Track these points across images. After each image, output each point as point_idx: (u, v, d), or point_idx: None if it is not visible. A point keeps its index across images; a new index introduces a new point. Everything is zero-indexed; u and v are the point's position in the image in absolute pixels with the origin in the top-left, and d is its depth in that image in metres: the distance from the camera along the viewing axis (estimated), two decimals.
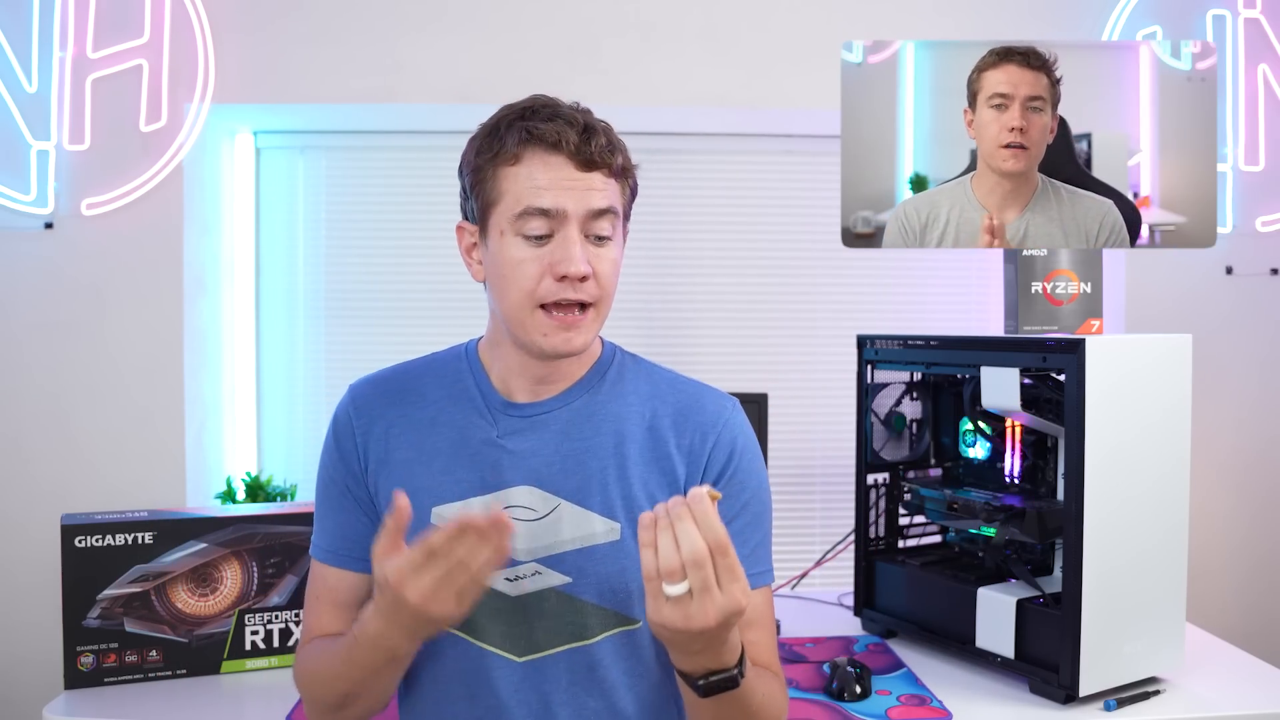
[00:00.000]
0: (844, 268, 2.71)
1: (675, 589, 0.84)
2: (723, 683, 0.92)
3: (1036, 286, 1.63)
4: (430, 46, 2.38)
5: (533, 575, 1.07)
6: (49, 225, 2.32)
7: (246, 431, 2.65)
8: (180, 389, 2.38)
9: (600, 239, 1.06)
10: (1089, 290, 1.63)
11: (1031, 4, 2.45)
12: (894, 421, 1.80)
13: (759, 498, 1.14)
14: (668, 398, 1.14)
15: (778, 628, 1.79)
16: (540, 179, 1.04)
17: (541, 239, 1.04)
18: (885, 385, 1.80)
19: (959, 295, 2.74)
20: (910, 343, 1.71)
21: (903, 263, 2.72)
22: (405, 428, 1.13)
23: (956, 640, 1.61)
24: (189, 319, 2.39)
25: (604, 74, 2.41)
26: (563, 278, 1.03)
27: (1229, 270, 2.53)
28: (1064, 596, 1.44)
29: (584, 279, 1.03)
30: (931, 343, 1.67)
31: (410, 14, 2.37)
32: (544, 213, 1.03)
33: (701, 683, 0.92)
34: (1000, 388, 1.52)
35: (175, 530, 1.58)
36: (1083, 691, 1.43)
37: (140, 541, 1.56)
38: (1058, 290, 1.63)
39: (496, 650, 1.09)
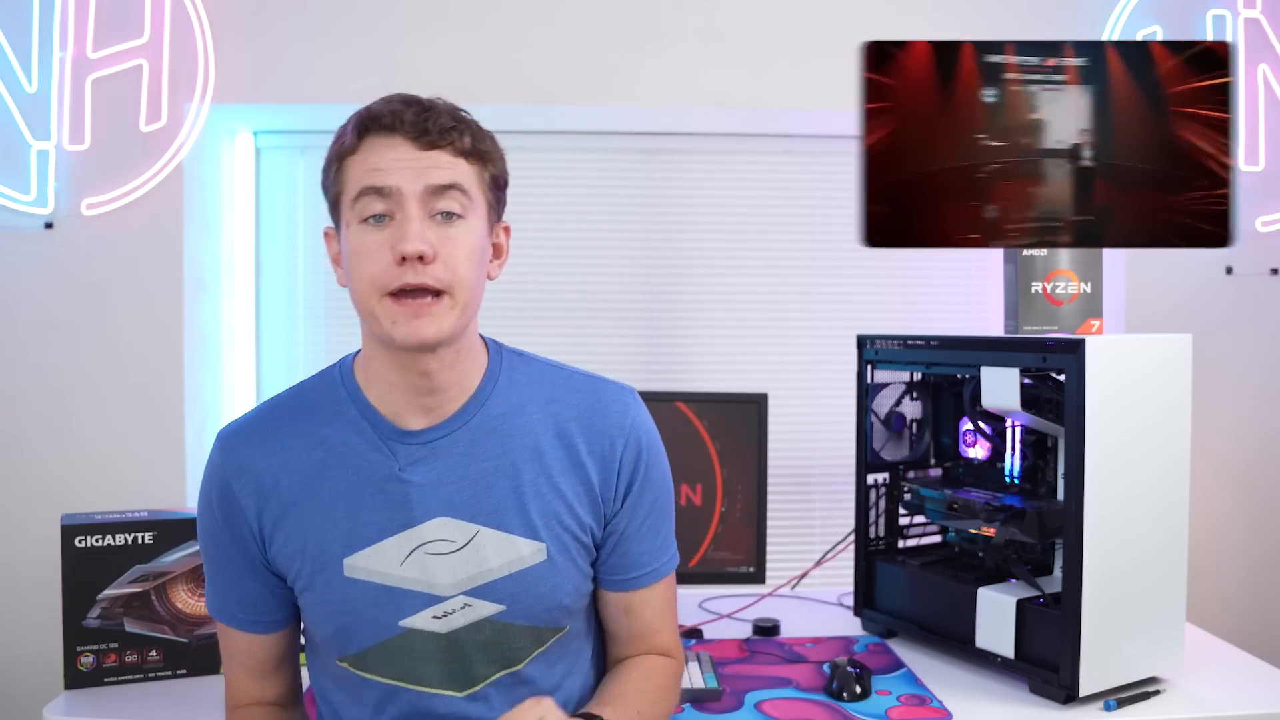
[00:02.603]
0: (844, 268, 2.71)
1: None
2: None
3: (1036, 286, 1.63)
4: (430, 46, 2.38)
5: (462, 609, 1.03)
6: (49, 225, 2.32)
7: None
8: (180, 389, 2.38)
9: (448, 216, 0.99)
10: (1089, 290, 1.63)
11: (1031, 4, 2.45)
12: (892, 421, 1.81)
13: (665, 489, 1.13)
14: (568, 400, 1.09)
15: (777, 628, 1.79)
16: (375, 161, 0.99)
17: (381, 220, 0.98)
18: (885, 385, 1.80)
19: (959, 295, 2.74)
20: (910, 343, 1.71)
21: (903, 263, 2.72)
22: (293, 478, 1.04)
23: (956, 640, 1.61)
24: (189, 319, 2.39)
25: (604, 74, 2.41)
26: (403, 260, 0.96)
27: (1229, 270, 2.53)
28: (1064, 596, 1.44)
29: (422, 258, 0.96)
30: (931, 343, 1.67)
31: (410, 14, 2.37)
32: (378, 191, 0.97)
33: None
34: (1000, 388, 1.53)
35: (175, 530, 1.58)
36: (1083, 691, 1.43)
37: (140, 541, 1.56)
38: (1058, 290, 1.63)
39: (435, 690, 1.05)
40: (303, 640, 1.15)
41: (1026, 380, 1.53)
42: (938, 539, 1.84)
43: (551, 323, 2.59)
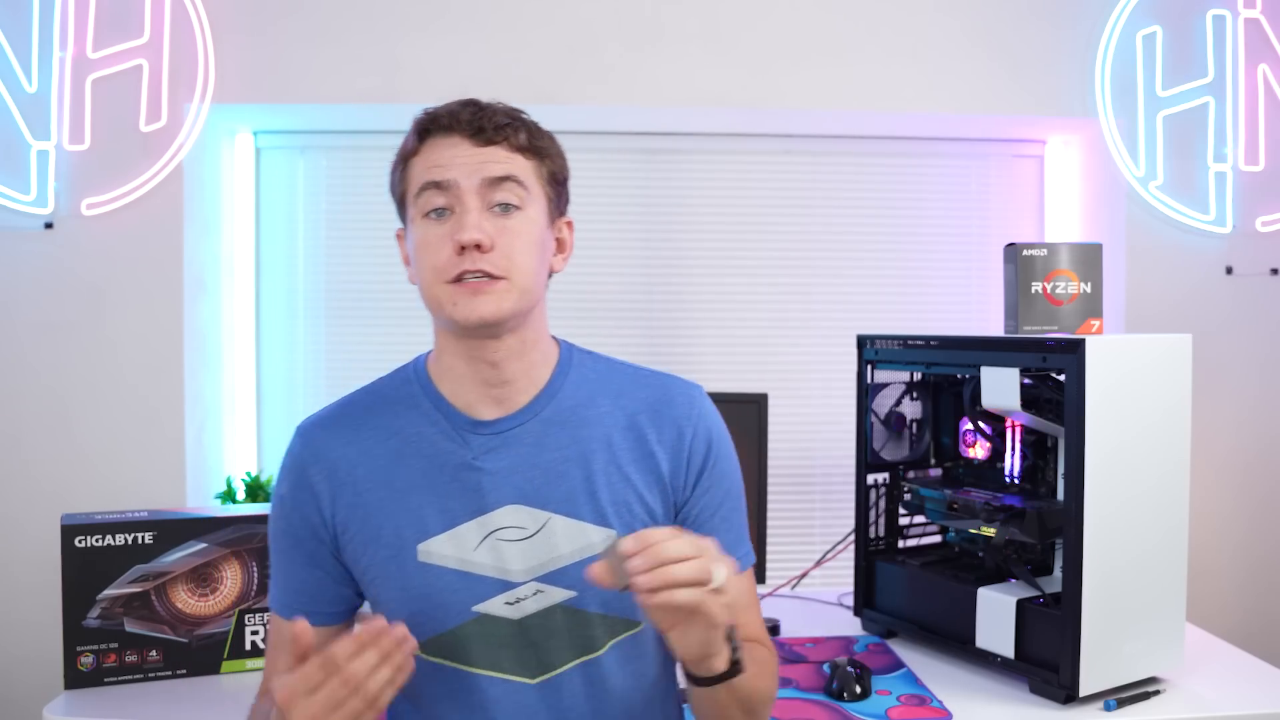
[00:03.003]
0: (844, 268, 2.71)
1: (719, 577, 0.87)
2: (735, 662, 0.96)
3: (1036, 286, 1.63)
4: (431, 46, 2.38)
5: (534, 595, 1.05)
6: (49, 225, 2.32)
7: (246, 431, 2.65)
8: (180, 389, 2.38)
9: (505, 207, 1.03)
10: (1089, 290, 1.63)
11: (1032, 4, 2.45)
12: (892, 421, 1.81)
13: (736, 483, 1.14)
14: (636, 394, 1.12)
15: (777, 628, 1.79)
16: (435, 158, 1.04)
17: (442, 215, 1.03)
18: (885, 385, 1.80)
19: (959, 295, 2.74)
20: (910, 343, 1.71)
21: (903, 263, 2.73)
22: (369, 467, 1.08)
23: (956, 640, 1.61)
24: (189, 319, 2.39)
25: (604, 74, 2.40)
26: (462, 249, 1.00)
27: (1229, 270, 2.53)
28: (1064, 596, 1.44)
29: (479, 247, 1.00)
30: (931, 343, 1.67)
31: (410, 14, 2.37)
32: (437, 185, 1.03)
33: (736, 660, 0.96)
34: (1000, 388, 1.53)
35: (175, 530, 1.58)
36: (1083, 691, 1.43)
37: (140, 541, 1.56)
38: (1058, 290, 1.63)
39: (507, 676, 1.06)
40: None
41: (1026, 380, 1.53)
42: (938, 539, 1.84)
43: (552, 322, 2.58)
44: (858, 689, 1.47)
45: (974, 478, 1.72)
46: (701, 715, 1.05)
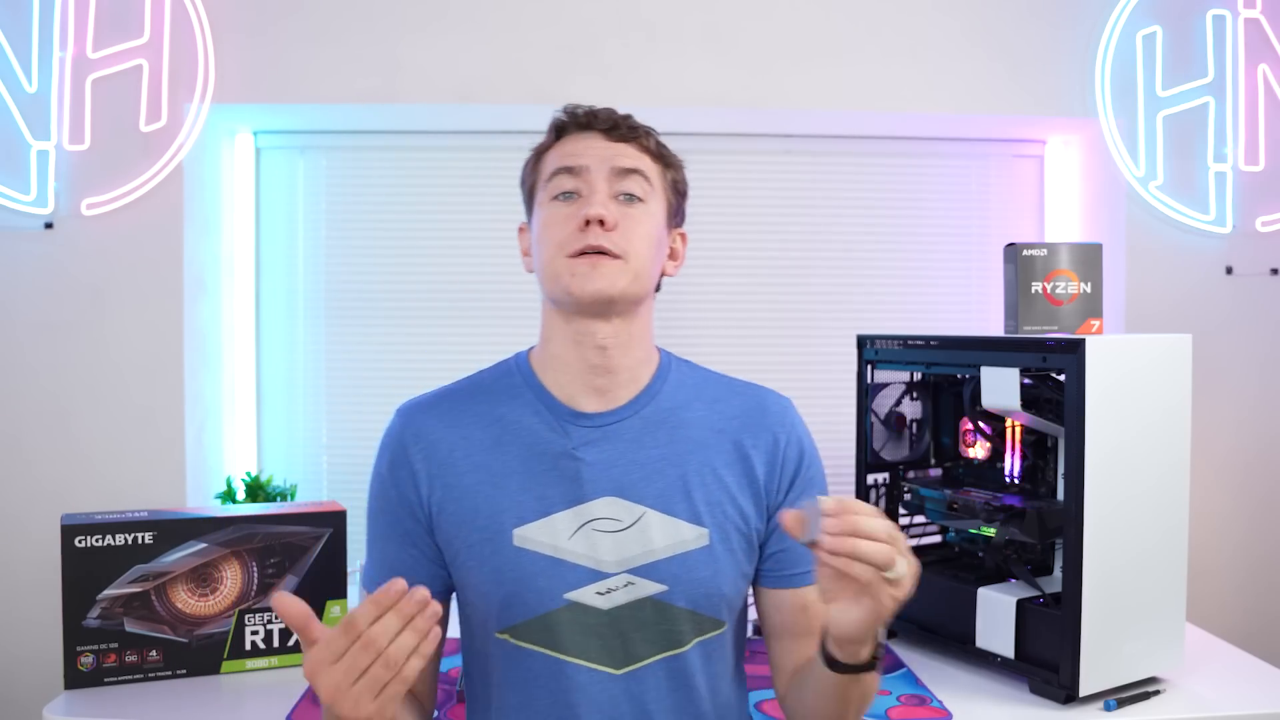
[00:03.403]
0: (844, 268, 2.71)
1: (899, 569, 0.87)
2: (877, 649, 0.99)
3: (1036, 286, 1.63)
4: (431, 46, 2.38)
5: (625, 586, 1.07)
6: (49, 225, 2.32)
7: (246, 431, 2.65)
8: (180, 389, 2.38)
9: (630, 198, 1.08)
10: (1089, 290, 1.63)
11: (1032, 4, 2.45)
12: (892, 421, 1.81)
13: (823, 489, 1.19)
14: (732, 401, 1.16)
15: None
16: (570, 149, 1.11)
17: (570, 197, 1.08)
18: (885, 385, 1.80)
19: (959, 295, 2.74)
20: (910, 343, 1.71)
21: (903, 263, 2.72)
22: (469, 450, 1.10)
23: (956, 640, 1.61)
24: (189, 319, 2.39)
25: (604, 74, 2.40)
26: (586, 223, 1.05)
27: (1229, 270, 2.53)
28: (1064, 596, 1.44)
29: (603, 223, 1.05)
30: (931, 343, 1.67)
31: (410, 14, 2.37)
32: (569, 170, 1.08)
33: (877, 656, 0.99)
34: (1000, 388, 1.53)
35: (175, 530, 1.58)
36: (1083, 691, 1.43)
37: (140, 541, 1.56)
38: (1058, 290, 1.63)
39: (593, 665, 1.07)
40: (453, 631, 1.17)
41: (1026, 380, 1.53)
42: (938, 539, 1.84)
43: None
44: None
45: (974, 478, 1.72)
46: (810, 704, 1.06)
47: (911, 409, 1.81)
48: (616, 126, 1.11)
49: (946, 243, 2.74)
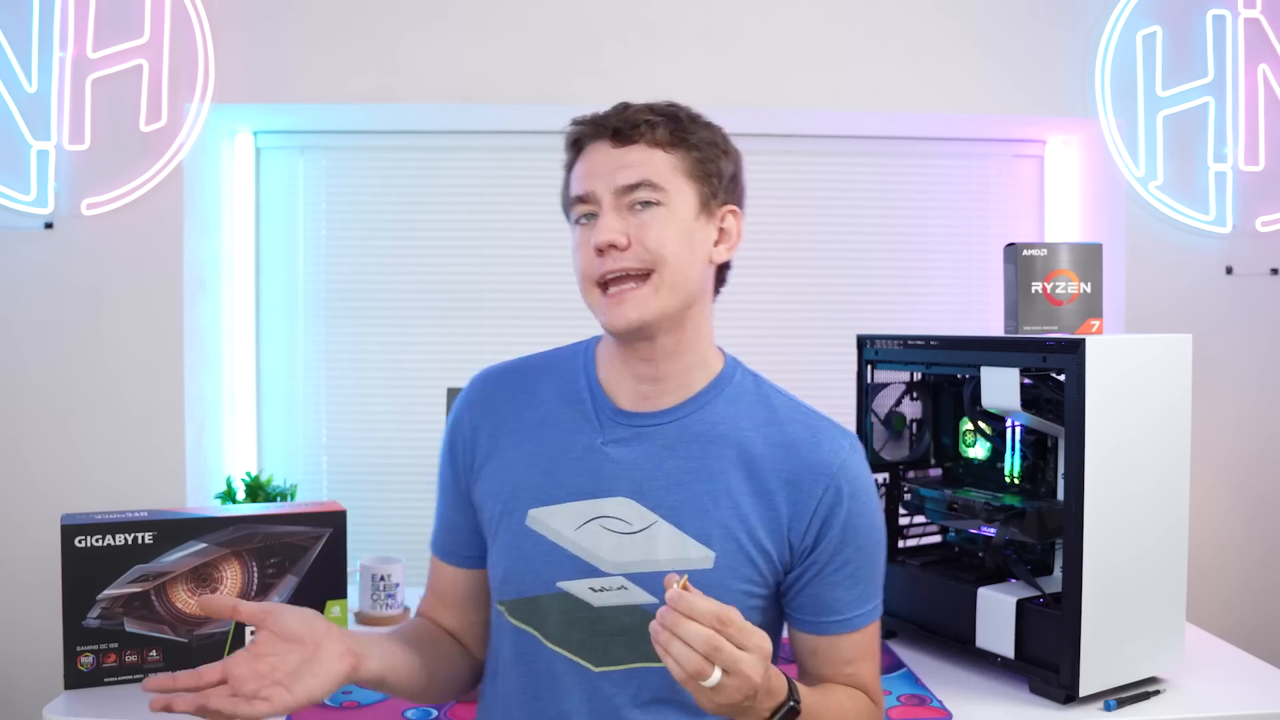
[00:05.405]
0: (844, 268, 2.71)
1: (712, 680, 0.88)
2: (787, 714, 0.96)
3: (1036, 286, 1.62)
4: (430, 46, 2.38)
5: (618, 589, 1.06)
6: (49, 225, 2.32)
7: (246, 431, 2.65)
8: (180, 389, 2.38)
9: (645, 204, 1.05)
10: (1089, 290, 1.63)
11: (1031, 4, 2.45)
12: (894, 421, 1.80)
13: (872, 539, 1.11)
14: (784, 428, 1.10)
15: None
16: (581, 170, 1.08)
17: (590, 220, 1.07)
18: (885, 385, 1.80)
19: (959, 295, 2.74)
20: (910, 343, 1.71)
21: (903, 263, 2.72)
22: (516, 426, 1.13)
23: (956, 640, 1.61)
24: (189, 319, 2.39)
25: (604, 74, 2.40)
26: (599, 251, 1.04)
27: (1229, 270, 2.53)
28: (1064, 596, 1.43)
29: (614, 247, 1.03)
30: (931, 343, 1.67)
31: (410, 14, 2.37)
32: (580, 198, 1.07)
33: (786, 706, 0.96)
34: (1000, 388, 1.52)
35: (175, 530, 1.58)
36: (1083, 691, 1.43)
37: (140, 541, 1.56)
38: (1058, 290, 1.63)
39: (572, 656, 1.08)
40: None
41: (1026, 380, 1.53)
42: (938, 539, 1.84)
43: (554, 322, 2.59)
44: None
45: (974, 478, 1.72)
46: None
47: (911, 409, 1.81)
48: (619, 130, 1.07)
49: (946, 243, 2.74)
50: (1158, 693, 1.49)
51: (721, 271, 1.15)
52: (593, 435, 1.09)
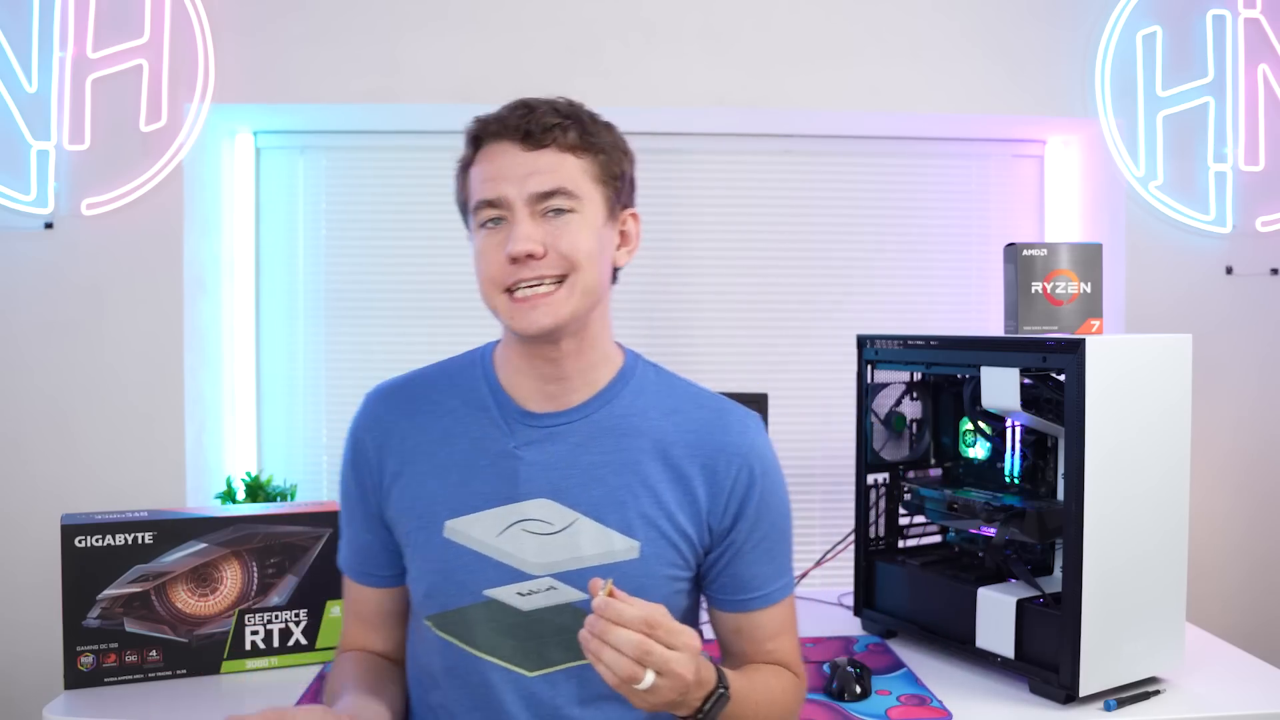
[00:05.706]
0: (844, 268, 2.71)
1: (645, 683, 0.89)
2: (718, 701, 0.98)
3: (1036, 286, 1.63)
4: (430, 46, 2.38)
5: (546, 590, 1.06)
6: (49, 225, 2.32)
7: (246, 431, 2.65)
8: (180, 389, 2.38)
9: (558, 211, 1.04)
10: (1089, 290, 1.63)
11: (1031, 4, 2.45)
12: (894, 421, 1.80)
13: (782, 515, 1.14)
14: (690, 414, 1.12)
15: None
16: (487, 171, 1.06)
17: (497, 224, 1.05)
18: (885, 385, 1.80)
19: (959, 295, 2.74)
20: (910, 343, 1.71)
21: (903, 263, 2.72)
22: (420, 440, 1.11)
23: (956, 640, 1.61)
24: (189, 319, 2.39)
25: (604, 74, 2.40)
26: (514, 260, 1.02)
27: (1229, 270, 2.53)
28: (1064, 596, 1.44)
29: (531, 257, 1.02)
30: (931, 343, 1.67)
31: (410, 14, 2.37)
32: (489, 203, 1.04)
33: (705, 711, 0.97)
34: (1000, 388, 1.53)
35: (175, 530, 1.58)
36: (1083, 691, 1.43)
37: (140, 541, 1.56)
38: (1058, 290, 1.63)
39: (506, 664, 1.08)
40: None
41: (1026, 380, 1.53)
42: (938, 539, 1.84)
43: None
44: (858, 689, 1.47)
45: (974, 478, 1.72)
46: None
47: (911, 409, 1.81)
48: (530, 133, 1.04)
49: (946, 243, 2.74)
50: (1158, 693, 1.49)
51: (614, 270, 1.15)
52: (503, 440, 1.09)
